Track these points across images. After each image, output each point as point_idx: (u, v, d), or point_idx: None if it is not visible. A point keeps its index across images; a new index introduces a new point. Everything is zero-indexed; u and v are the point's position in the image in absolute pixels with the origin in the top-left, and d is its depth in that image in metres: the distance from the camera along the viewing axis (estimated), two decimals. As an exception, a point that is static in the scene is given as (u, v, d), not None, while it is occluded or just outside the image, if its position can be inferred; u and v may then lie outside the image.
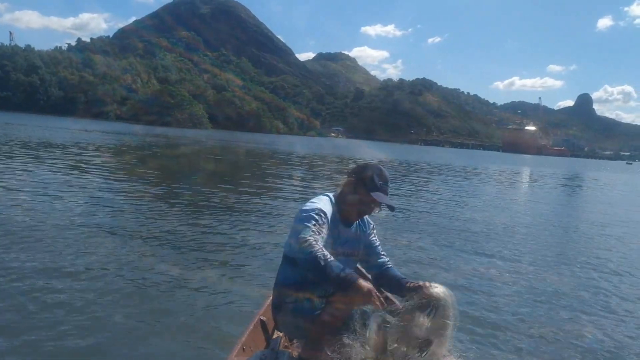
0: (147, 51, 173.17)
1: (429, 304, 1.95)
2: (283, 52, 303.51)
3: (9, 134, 23.87)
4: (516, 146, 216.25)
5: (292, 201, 9.60)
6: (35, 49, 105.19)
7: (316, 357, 2.03)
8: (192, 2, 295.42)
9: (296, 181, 14.45)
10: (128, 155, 19.31)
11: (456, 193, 14.31)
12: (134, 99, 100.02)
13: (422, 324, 1.92)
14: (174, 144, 32.17)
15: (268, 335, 2.48)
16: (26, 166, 11.29)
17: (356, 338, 1.93)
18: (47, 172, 10.52)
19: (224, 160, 22.65)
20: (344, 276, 1.84)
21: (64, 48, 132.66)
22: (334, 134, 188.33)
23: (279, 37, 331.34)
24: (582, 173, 43.61)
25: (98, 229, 5.75)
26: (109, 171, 12.17)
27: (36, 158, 13.43)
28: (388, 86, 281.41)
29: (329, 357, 1.95)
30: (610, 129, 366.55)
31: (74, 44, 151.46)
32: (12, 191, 7.82)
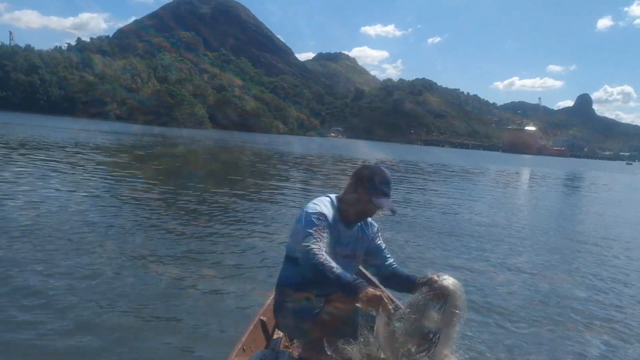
0: (146, 51, 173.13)
1: (439, 295, 1.97)
2: (283, 52, 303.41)
3: (8, 133, 23.87)
4: (516, 146, 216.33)
5: (291, 201, 9.61)
6: (35, 48, 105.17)
7: (316, 358, 2.02)
8: (192, 2, 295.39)
9: (295, 181, 14.48)
10: (127, 155, 19.31)
11: (456, 193, 14.31)
12: (134, 99, 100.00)
13: (432, 316, 1.94)
14: (173, 143, 32.18)
15: (268, 336, 2.48)
16: (25, 166, 11.27)
17: (357, 339, 1.96)
18: (46, 173, 10.52)
19: (223, 160, 22.65)
20: (354, 285, 1.85)
21: (63, 48, 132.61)
22: (333, 134, 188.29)
23: (278, 37, 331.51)
24: (583, 173, 43.63)
25: (97, 229, 5.76)
26: (108, 171, 12.19)
27: (34, 158, 13.41)
28: (388, 86, 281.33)
29: (330, 357, 1.95)
30: (610, 129, 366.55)
31: (73, 43, 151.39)
32: (13, 192, 7.81)
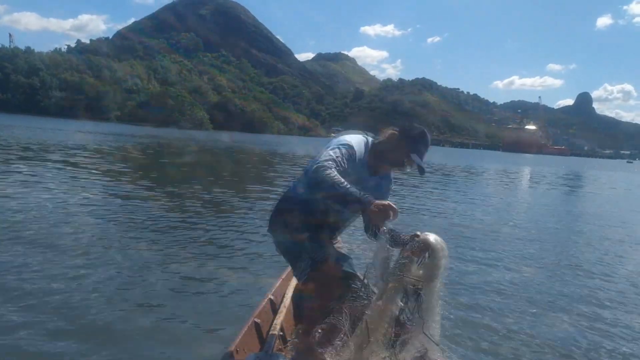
0: (146, 52, 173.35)
1: (420, 249, 2.06)
2: (282, 53, 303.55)
3: (7, 136, 23.89)
4: (516, 145, 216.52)
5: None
6: (35, 50, 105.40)
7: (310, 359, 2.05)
8: (192, 3, 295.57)
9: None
10: (128, 156, 19.33)
11: (456, 193, 14.34)
12: (135, 100, 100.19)
13: (414, 270, 2.02)
14: (174, 145, 32.19)
15: (262, 338, 2.47)
16: (25, 168, 11.25)
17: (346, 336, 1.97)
18: (46, 174, 10.52)
19: (223, 161, 22.65)
20: (364, 197, 1.96)
21: (63, 50, 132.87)
22: (333, 134, 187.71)
23: (278, 37, 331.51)
24: (583, 172, 43.64)
25: (96, 230, 5.78)
26: (108, 172, 12.18)
27: (35, 160, 13.41)
28: (388, 86, 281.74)
29: (323, 358, 1.98)
30: (610, 127, 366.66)
31: (73, 45, 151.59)
32: (12, 193, 7.80)
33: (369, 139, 2.30)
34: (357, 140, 2.23)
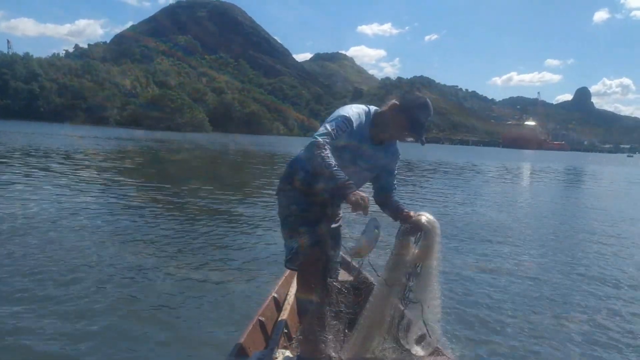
0: (145, 56, 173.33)
1: (414, 230, 2.14)
2: (280, 54, 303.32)
3: (7, 142, 23.95)
4: (516, 141, 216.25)
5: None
6: (33, 56, 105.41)
7: (315, 357, 2.06)
8: (189, 5, 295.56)
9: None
10: (127, 160, 19.35)
11: (456, 190, 14.34)
12: (134, 104, 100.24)
13: (410, 249, 2.10)
14: (174, 148, 32.22)
15: (267, 336, 2.48)
16: (25, 173, 11.32)
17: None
18: (46, 177, 10.56)
19: (223, 162, 22.70)
20: (344, 184, 1.95)
21: (61, 55, 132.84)
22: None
23: (275, 38, 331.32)
24: (584, 167, 43.59)
25: (96, 231, 5.81)
26: (109, 175, 12.23)
27: (35, 165, 13.45)
28: (386, 85, 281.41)
29: (328, 356, 1.99)
30: (610, 122, 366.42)
31: (71, 50, 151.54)
32: (12, 196, 7.85)
33: (371, 109, 2.28)
34: (357, 111, 2.21)
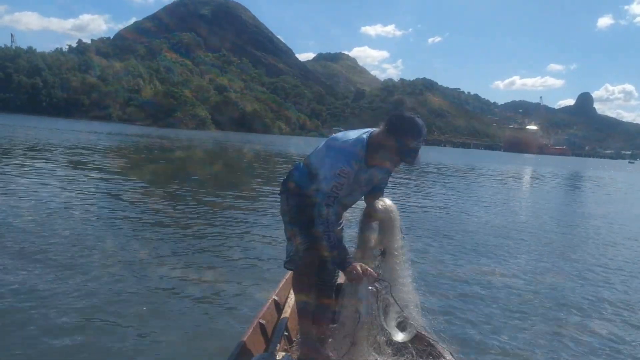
0: (148, 52, 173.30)
1: (373, 217, 2.26)
2: (283, 53, 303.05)
3: (8, 135, 24.00)
4: (518, 146, 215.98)
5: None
6: (37, 50, 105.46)
7: (314, 358, 2.10)
8: (193, 3, 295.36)
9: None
10: (129, 156, 19.41)
11: (457, 193, 14.39)
12: (137, 100, 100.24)
13: (373, 236, 2.22)
14: (176, 145, 32.26)
15: (267, 339, 2.48)
16: (26, 169, 11.32)
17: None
18: (47, 174, 10.59)
19: (225, 161, 22.72)
20: (344, 260, 2.13)
21: (64, 50, 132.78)
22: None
23: (279, 37, 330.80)
24: (585, 172, 43.60)
25: (97, 230, 5.81)
26: (110, 173, 12.25)
27: (36, 160, 13.48)
28: (389, 86, 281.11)
29: (326, 357, 2.02)
30: (611, 128, 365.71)
31: (74, 45, 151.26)
32: (13, 194, 7.87)
33: (365, 137, 2.20)
34: (354, 152, 2.16)
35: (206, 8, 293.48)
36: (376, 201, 2.28)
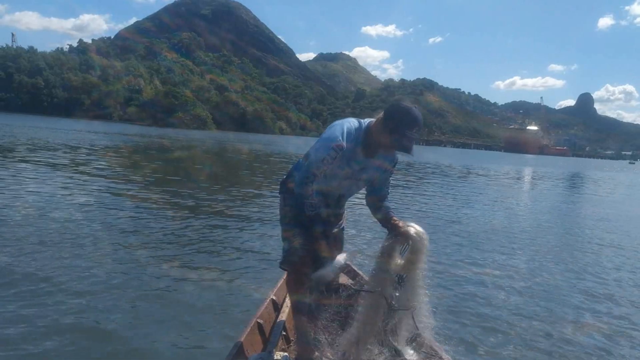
0: (148, 52, 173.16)
1: (401, 241, 2.18)
2: (284, 53, 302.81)
3: (11, 135, 24.03)
4: (518, 146, 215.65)
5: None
6: (38, 50, 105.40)
7: (311, 358, 2.12)
8: (193, 3, 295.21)
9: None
10: (130, 156, 19.41)
11: (457, 194, 14.42)
12: (138, 100, 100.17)
13: (396, 260, 2.15)
14: (176, 145, 32.28)
15: (265, 338, 2.49)
16: (26, 168, 11.36)
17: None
18: (47, 173, 10.65)
19: (225, 161, 22.76)
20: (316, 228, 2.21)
21: (65, 49, 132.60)
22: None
23: (279, 37, 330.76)
24: (585, 173, 43.60)
25: (96, 230, 5.85)
26: (110, 172, 12.29)
27: (37, 160, 13.52)
28: (389, 86, 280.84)
29: (325, 357, 2.04)
30: (612, 128, 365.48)
31: (75, 45, 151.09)
32: (13, 193, 7.93)
33: (363, 124, 2.27)
34: (347, 130, 2.20)
35: (207, 8, 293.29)
36: (408, 224, 2.22)
